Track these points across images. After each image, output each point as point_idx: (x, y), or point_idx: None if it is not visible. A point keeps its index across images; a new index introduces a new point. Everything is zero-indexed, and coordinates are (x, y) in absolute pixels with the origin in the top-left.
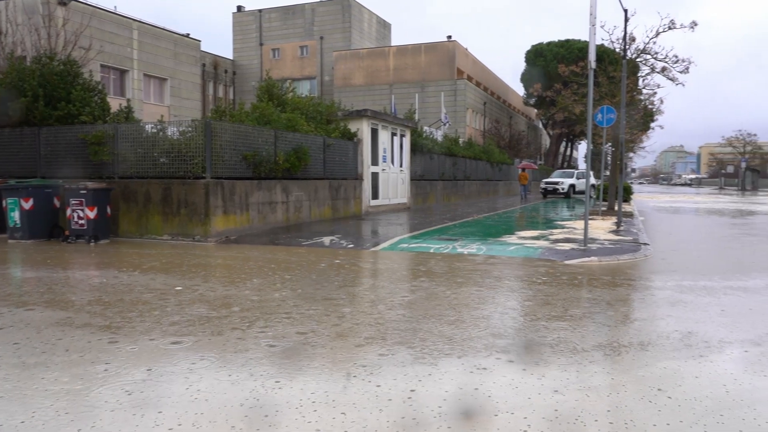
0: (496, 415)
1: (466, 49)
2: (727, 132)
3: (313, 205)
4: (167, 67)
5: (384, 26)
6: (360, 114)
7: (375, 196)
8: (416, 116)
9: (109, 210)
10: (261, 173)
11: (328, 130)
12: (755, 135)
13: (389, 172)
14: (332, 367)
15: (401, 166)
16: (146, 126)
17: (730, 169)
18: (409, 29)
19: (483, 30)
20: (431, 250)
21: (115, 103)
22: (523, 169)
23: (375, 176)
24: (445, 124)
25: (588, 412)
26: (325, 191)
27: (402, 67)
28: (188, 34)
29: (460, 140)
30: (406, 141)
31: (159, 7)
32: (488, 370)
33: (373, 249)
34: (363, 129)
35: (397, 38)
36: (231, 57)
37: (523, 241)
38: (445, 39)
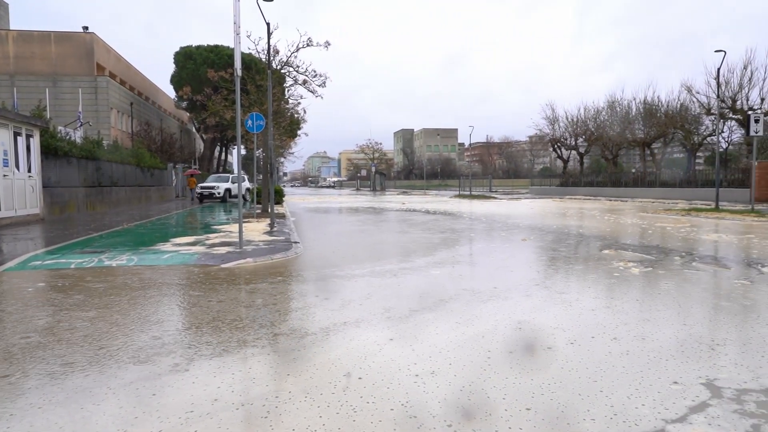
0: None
1: (107, 43)
2: (360, 140)
3: None
4: None
5: (0, 6)
6: None
7: None
8: (47, 114)
9: None
10: None
11: None
12: (381, 143)
13: (14, 179)
14: None
15: (30, 171)
16: None
17: (364, 172)
18: (32, 14)
19: (123, 25)
20: (72, 266)
21: None
22: (192, 175)
23: None
24: (82, 125)
25: (287, 390)
26: None
27: (27, 56)
28: None
29: (105, 143)
30: (35, 142)
31: None
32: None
33: None
34: None
35: (18, 22)
36: None
37: (179, 248)
38: (81, 30)
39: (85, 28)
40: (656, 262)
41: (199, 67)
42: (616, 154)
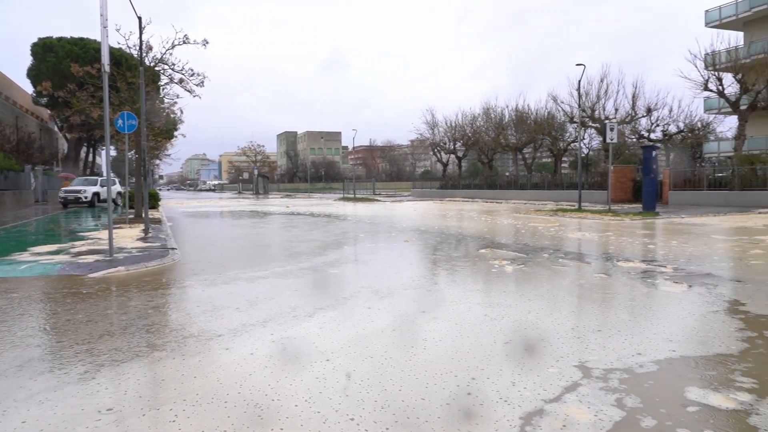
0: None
1: None
2: (242, 142)
3: None
4: None
5: None
6: None
7: None
8: None
9: None
10: None
11: None
12: (264, 146)
13: None
14: None
15: None
16: None
17: (246, 175)
18: None
19: None
20: None
21: None
22: (66, 178)
23: None
24: None
25: (194, 393)
26: None
27: None
28: None
29: None
30: None
31: None
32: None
33: None
34: None
35: None
36: None
37: (39, 257)
38: None
39: None
40: (528, 259)
41: (62, 60)
42: (491, 158)
